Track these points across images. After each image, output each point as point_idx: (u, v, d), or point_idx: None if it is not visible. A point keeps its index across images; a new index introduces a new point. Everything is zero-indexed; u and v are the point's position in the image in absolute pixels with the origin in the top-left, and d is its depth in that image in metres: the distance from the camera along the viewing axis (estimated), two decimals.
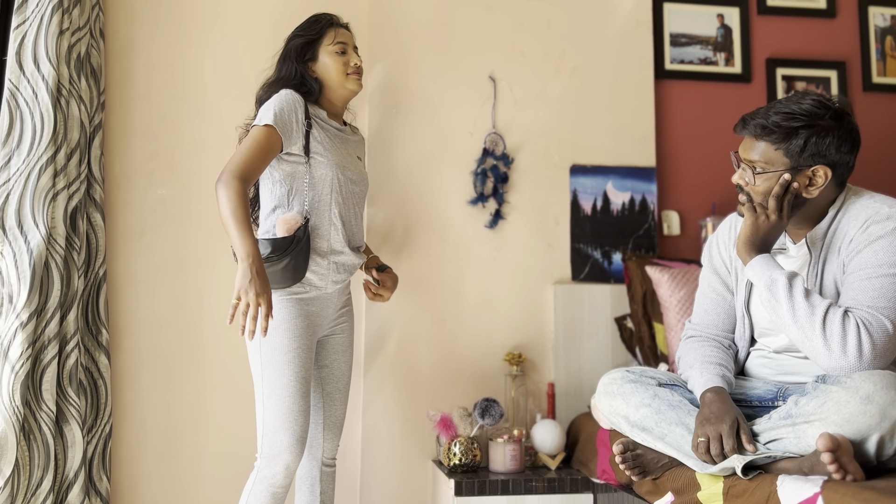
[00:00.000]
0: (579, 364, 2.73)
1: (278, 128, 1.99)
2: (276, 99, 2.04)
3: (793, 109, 1.74)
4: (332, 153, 2.11)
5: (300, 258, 2.00)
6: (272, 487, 1.99)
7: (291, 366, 2.00)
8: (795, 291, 1.67)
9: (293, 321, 2.03)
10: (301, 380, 2.01)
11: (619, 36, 2.91)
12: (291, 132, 2.03)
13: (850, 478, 1.47)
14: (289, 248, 1.97)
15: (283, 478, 1.99)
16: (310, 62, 2.17)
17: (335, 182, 2.10)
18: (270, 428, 1.98)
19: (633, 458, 1.88)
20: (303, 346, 2.03)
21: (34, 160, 2.35)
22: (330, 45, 2.16)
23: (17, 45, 2.40)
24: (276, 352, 2.00)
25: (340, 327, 2.22)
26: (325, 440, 2.20)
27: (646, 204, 2.86)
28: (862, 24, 3.12)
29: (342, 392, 2.23)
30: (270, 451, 1.98)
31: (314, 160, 2.08)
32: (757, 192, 1.78)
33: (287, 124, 2.02)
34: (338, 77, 2.16)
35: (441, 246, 2.74)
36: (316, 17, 2.22)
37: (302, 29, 2.20)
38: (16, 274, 2.30)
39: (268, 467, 1.98)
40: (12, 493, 2.22)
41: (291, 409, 1.99)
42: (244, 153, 1.96)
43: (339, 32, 2.19)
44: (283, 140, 2.01)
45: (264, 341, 2.01)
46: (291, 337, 2.02)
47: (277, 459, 1.98)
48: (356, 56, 2.20)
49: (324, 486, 2.20)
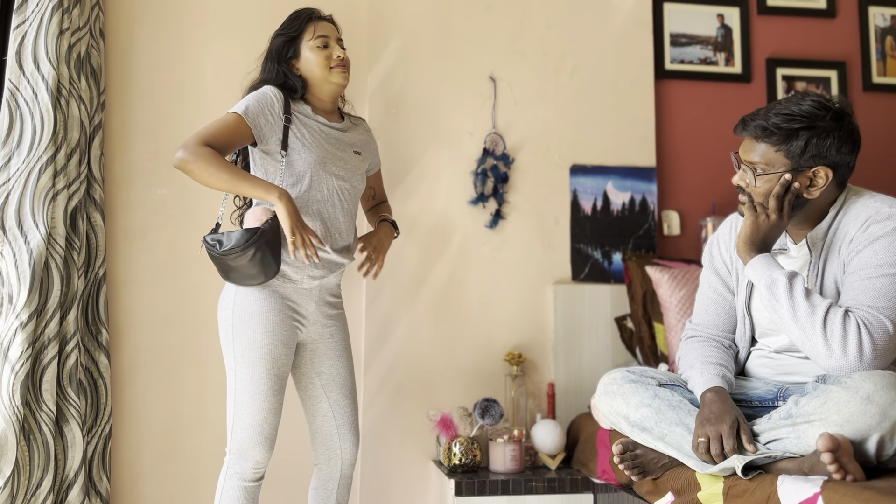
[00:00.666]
0: (579, 364, 2.73)
1: (247, 119, 1.98)
2: (252, 94, 2.03)
3: (793, 111, 1.74)
4: (313, 149, 2.06)
5: (266, 250, 1.92)
6: (243, 482, 1.97)
7: (263, 362, 1.96)
8: (796, 291, 1.67)
9: (265, 314, 1.98)
10: (274, 377, 1.97)
11: (619, 36, 2.91)
12: (262, 127, 2.00)
13: (851, 478, 1.47)
14: (250, 240, 1.90)
15: (253, 472, 1.97)
16: (292, 60, 2.13)
17: (314, 178, 2.05)
18: (240, 425, 1.96)
19: (633, 459, 1.88)
20: (277, 341, 1.99)
21: (34, 160, 2.35)
22: (311, 41, 2.11)
23: (17, 45, 2.40)
24: (248, 347, 1.96)
25: (330, 331, 2.15)
26: (343, 450, 2.13)
27: (646, 204, 2.86)
28: (862, 24, 3.12)
29: (349, 397, 2.16)
30: (239, 447, 1.96)
31: (292, 156, 2.05)
32: (758, 194, 1.78)
33: (258, 118, 1.99)
34: (321, 72, 2.10)
35: (441, 246, 2.74)
36: (296, 13, 2.16)
37: (283, 27, 2.15)
38: (16, 274, 2.30)
39: (237, 463, 1.97)
40: (12, 493, 2.22)
41: (262, 408, 1.96)
42: (207, 128, 1.95)
43: (319, 26, 2.13)
44: (253, 133, 1.99)
45: (237, 336, 1.97)
46: (264, 332, 1.97)
47: (247, 456, 1.96)
48: (339, 48, 2.13)
49: (339, 498, 2.15)
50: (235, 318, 1.99)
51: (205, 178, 1.90)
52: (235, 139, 1.98)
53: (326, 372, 2.14)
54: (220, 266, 1.98)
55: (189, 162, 1.89)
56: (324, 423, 2.13)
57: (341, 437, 2.13)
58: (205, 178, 1.90)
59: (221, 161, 1.90)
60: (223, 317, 2.02)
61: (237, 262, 1.93)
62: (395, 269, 2.70)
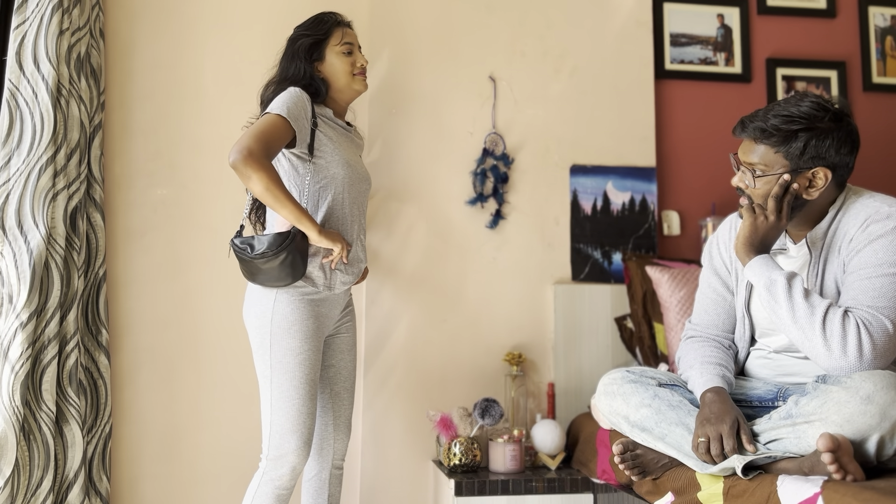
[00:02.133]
0: (579, 364, 2.73)
1: (291, 121, 1.97)
2: (287, 95, 2.01)
3: (792, 112, 1.74)
4: (341, 151, 2.10)
5: (297, 254, 1.97)
6: (278, 489, 1.98)
7: (302, 368, 1.99)
8: (795, 292, 1.67)
9: (304, 322, 2.02)
10: (310, 382, 2.01)
11: (619, 36, 2.91)
12: (301, 129, 2.01)
13: (851, 478, 1.47)
14: (283, 244, 1.94)
15: (289, 479, 1.99)
16: (316, 62, 2.16)
17: (346, 180, 2.09)
18: (278, 430, 1.97)
19: (633, 459, 1.88)
20: (312, 347, 2.03)
21: (34, 160, 2.35)
22: (337, 46, 2.15)
23: (17, 45, 2.40)
24: (287, 353, 1.99)
25: (345, 326, 2.22)
26: (336, 441, 2.18)
27: (646, 204, 2.86)
28: (862, 24, 3.12)
29: (349, 392, 2.22)
30: (277, 452, 1.97)
31: (323, 159, 2.07)
32: (757, 195, 1.78)
33: (298, 120, 2.00)
34: (344, 78, 2.15)
35: (441, 246, 2.74)
36: (321, 16, 2.19)
37: (308, 28, 2.17)
38: (16, 274, 2.30)
39: (274, 469, 1.98)
40: (12, 493, 2.22)
41: (300, 412, 1.98)
42: (264, 131, 1.92)
43: (346, 32, 2.18)
44: (296, 134, 1.99)
45: (275, 343, 2.00)
46: (303, 339, 2.01)
47: (284, 461, 1.97)
48: (362, 56, 2.19)
49: (332, 490, 2.18)
50: (274, 326, 2.00)
51: (259, 191, 1.91)
52: (283, 142, 1.98)
53: (335, 365, 2.19)
54: (248, 269, 2.01)
55: (253, 170, 1.88)
56: (322, 414, 2.17)
57: (335, 429, 2.18)
58: (259, 191, 1.91)
59: (278, 179, 1.92)
60: (259, 324, 2.02)
61: (267, 266, 1.96)
62: (395, 269, 2.70)
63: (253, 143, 1.89)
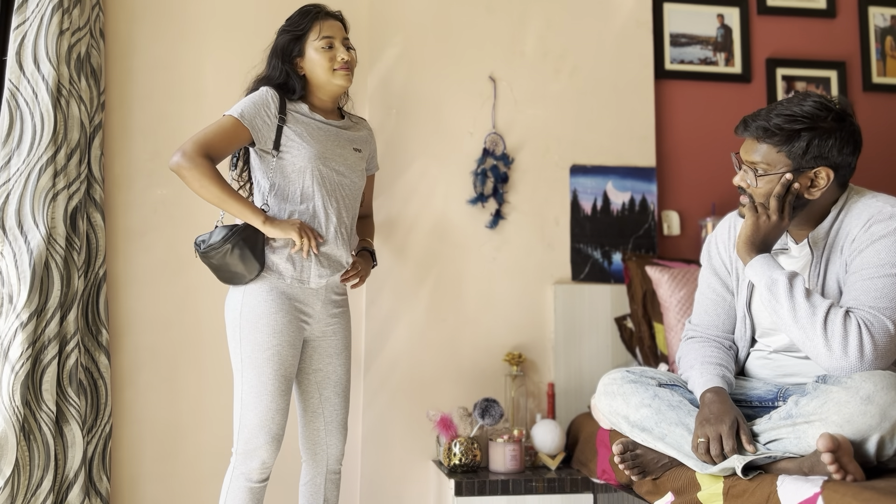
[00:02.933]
0: (579, 364, 2.73)
1: (244, 122, 2.01)
2: (249, 96, 2.07)
3: (794, 111, 1.74)
4: (310, 145, 2.07)
5: (245, 246, 1.98)
6: (249, 483, 1.99)
7: (271, 363, 1.98)
8: (796, 291, 1.67)
9: (272, 316, 2.00)
10: (281, 378, 2.00)
11: (619, 36, 2.91)
12: (260, 128, 2.04)
13: (851, 478, 1.47)
14: (226, 236, 1.98)
15: (259, 473, 1.99)
16: (297, 58, 2.13)
17: (316, 174, 2.07)
18: (247, 425, 1.98)
19: (633, 459, 1.88)
20: (284, 342, 2.01)
21: (34, 160, 2.35)
22: (316, 41, 2.10)
23: (17, 45, 2.40)
24: (256, 348, 1.99)
25: (332, 329, 2.17)
26: (330, 445, 2.16)
27: (646, 204, 2.86)
28: (862, 24, 3.12)
29: (341, 396, 2.18)
30: (246, 447, 1.98)
31: (289, 154, 2.06)
32: (759, 194, 1.78)
33: (254, 119, 2.03)
34: (324, 74, 2.11)
35: (441, 246, 2.74)
36: (304, 9, 2.15)
37: (290, 23, 2.15)
38: (16, 274, 2.30)
39: (243, 463, 1.98)
40: (12, 493, 2.22)
41: (269, 408, 1.98)
42: (206, 133, 1.99)
43: (325, 25, 2.12)
44: (251, 135, 2.03)
45: (244, 337, 2.00)
46: (271, 333, 2.00)
47: (253, 456, 1.97)
48: (343, 50, 2.12)
49: (328, 494, 2.17)
50: (243, 320, 2.01)
51: (196, 188, 1.97)
52: (234, 142, 2.02)
53: (323, 370, 2.16)
54: (207, 265, 2.05)
55: (185, 169, 1.94)
56: (312, 418, 2.16)
57: (328, 433, 2.16)
58: (196, 188, 1.97)
59: (216, 176, 1.96)
60: (231, 318, 2.04)
61: (217, 260, 2.00)
62: (395, 269, 2.70)
63: (187, 145, 1.96)
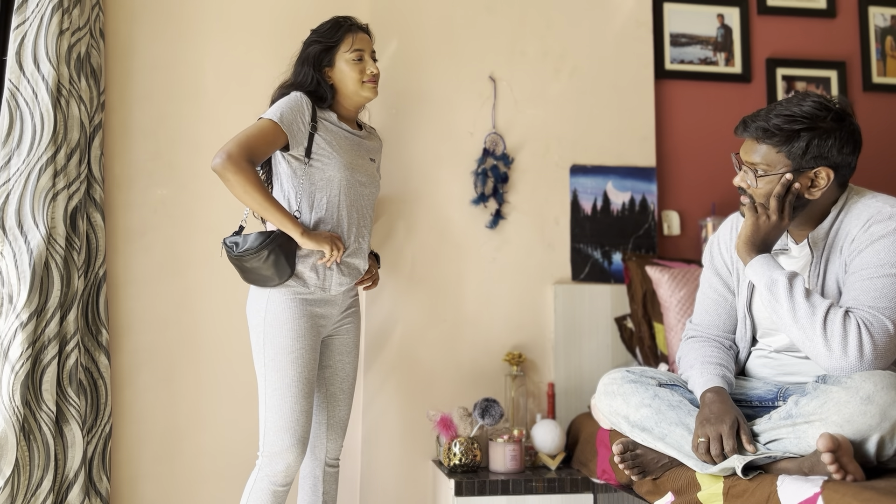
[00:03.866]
0: (579, 364, 2.73)
1: (283, 126, 2.03)
2: (285, 100, 2.09)
3: (794, 112, 1.74)
4: (340, 155, 2.13)
5: (280, 253, 2.01)
6: (273, 486, 2.01)
7: (294, 366, 2.02)
8: (796, 291, 1.67)
9: (296, 321, 2.05)
10: (304, 380, 2.03)
11: (619, 36, 2.91)
12: (296, 133, 2.06)
13: (851, 478, 1.47)
14: (264, 242, 2.00)
15: (284, 476, 2.01)
16: (326, 68, 2.19)
17: (343, 183, 2.12)
18: (272, 428, 2.01)
19: (633, 458, 1.88)
20: (306, 346, 2.05)
21: (34, 160, 2.35)
22: (347, 53, 2.17)
23: (17, 45, 2.40)
24: (279, 352, 2.02)
25: (345, 328, 2.23)
26: (329, 440, 2.21)
27: (646, 204, 2.86)
28: (862, 24, 3.12)
29: (346, 393, 2.24)
30: (272, 450, 2.00)
31: (319, 162, 2.10)
32: (759, 195, 1.78)
33: (292, 124, 2.05)
34: (353, 85, 2.18)
35: (441, 246, 2.74)
36: (336, 21, 2.21)
37: (321, 34, 2.20)
38: (16, 274, 2.30)
39: (269, 465, 2.01)
40: (12, 493, 2.22)
41: (293, 410, 2.01)
42: (249, 136, 2.00)
43: (357, 38, 2.19)
44: (288, 139, 2.05)
45: (268, 341, 2.03)
46: (294, 337, 2.04)
47: (279, 458, 2.00)
48: (372, 64, 2.20)
49: (326, 487, 2.21)
50: (267, 325, 2.05)
51: (239, 194, 1.97)
52: (272, 146, 2.05)
53: (332, 366, 2.21)
54: (237, 267, 2.07)
55: (231, 173, 1.95)
56: (315, 413, 2.20)
57: (329, 429, 2.21)
58: (239, 194, 1.97)
59: (259, 183, 1.98)
60: (255, 322, 2.08)
61: (252, 264, 2.02)
62: (395, 269, 2.70)
63: (233, 148, 1.96)
